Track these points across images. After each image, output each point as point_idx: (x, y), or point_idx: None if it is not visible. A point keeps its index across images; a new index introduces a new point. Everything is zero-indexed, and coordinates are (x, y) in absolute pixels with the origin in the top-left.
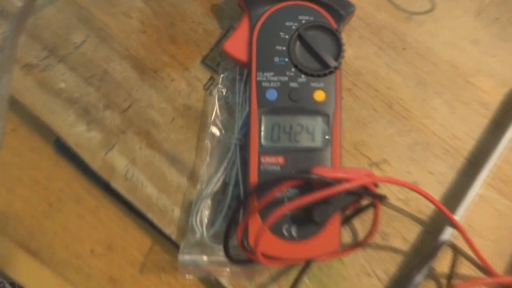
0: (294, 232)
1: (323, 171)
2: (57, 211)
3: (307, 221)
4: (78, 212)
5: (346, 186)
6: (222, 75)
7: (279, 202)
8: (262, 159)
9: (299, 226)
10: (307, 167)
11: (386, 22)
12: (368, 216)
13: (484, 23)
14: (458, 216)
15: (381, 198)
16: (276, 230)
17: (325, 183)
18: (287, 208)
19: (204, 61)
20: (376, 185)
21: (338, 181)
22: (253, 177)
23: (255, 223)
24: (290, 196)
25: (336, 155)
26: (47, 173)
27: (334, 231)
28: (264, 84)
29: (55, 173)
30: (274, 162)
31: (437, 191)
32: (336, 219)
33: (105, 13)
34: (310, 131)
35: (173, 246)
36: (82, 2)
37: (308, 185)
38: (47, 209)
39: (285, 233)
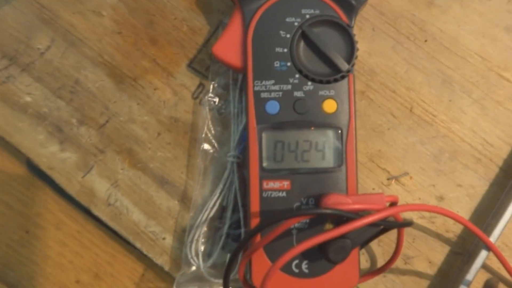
0: (305, 268)
1: (338, 202)
2: (36, 238)
3: (320, 256)
4: (59, 239)
5: (367, 220)
6: (213, 82)
7: (286, 234)
8: (265, 184)
9: (311, 261)
10: (318, 193)
11: (403, 9)
12: (387, 236)
13: None
14: (494, 237)
15: (408, 225)
16: (284, 266)
17: (341, 217)
18: (298, 251)
19: (191, 65)
20: None
21: (357, 214)
22: (255, 206)
23: (259, 257)
24: (299, 227)
25: (352, 177)
26: (21, 197)
27: (352, 266)
28: (263, 94)
29: (30, 196)
30: (278, 187)
31: (467, 206)
32: (354, 252)
33: (71, 11)
34: (320, 149)
35: (168, 272)
36: (43, 0)
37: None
38: (24, 236)
39: (295, 269)
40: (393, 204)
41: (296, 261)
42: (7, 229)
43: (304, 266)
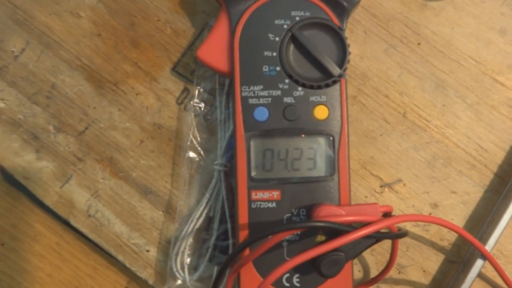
0: (296, 282)
1: (331, 213)
2: (11, 251)
3: (312, 269)
4: (37, 251)
5: (361, 233)
6: (198, 87)
7: (276, 246)
8: (253, 195)
9: (302, 275)
10: (309, 204)
11: (396, 12)
12: (380, 245)
13: None
14: (490, 245)
15: (403, 236)
16: (274, 280)
17: (336, 230)
18: (290, 266)
19: (175, 69)
20: None
21: (352, 227)
22: (243, 218)
23: (248, 272)
24: (290, 239)
25: (344, 186)
26: None
27: (345, 279)
28: (251, 100)
29: (5, 206)
30: (268, 198)
31: (462, 214)
32: (347, 265)
33: (47, 12)
34: (311, 157)
35: (152, 286)
36: (16, 0)
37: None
38: None
39: (286, 283)
40: (387, 214)
41: (287, 275)
42: None
43: (295, 280)
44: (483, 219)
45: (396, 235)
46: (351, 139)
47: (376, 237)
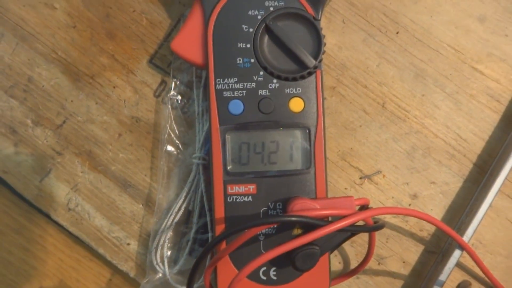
0: (273, 275)
1: (305, 207)
2: None
3: (288, 262)
4: (20, 244)
5: (334, 227)
6: (174, 79)
7: (253, 240)
8: (229, 189)
9: (279, 268)
10: (286, 197)
11: (375, 0)
12: (360, 237)
13: None
14: (468, 235)
15: (378, 229)
16: (251, 274)
17: (310, 224)
18: (264, 260)
19: (152, 61)
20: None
21: (326, 220)
22: (219, 212)
23: (224, 265)
24: (266, 233)
25: (321, 179)
26: None
27: (321, 272)
28: (225, 93)
29: None
30: (244, 191)
31: (441, 204)
32: (324, 257)
33: (21, 4)
34: (287, 150)
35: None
36: None
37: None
38: None
39: (263, 276)
40: (364, 207)
41: (264, 268)
42: None
43: (272, 273)
44: (462, 209)
45: (371, 228)
46: (331, 130)
47: (351, 231)
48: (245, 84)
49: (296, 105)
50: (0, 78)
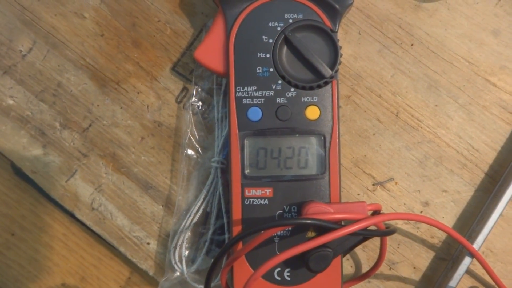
0: (287, 276)
1: (320, 211)
2: (21, 241)
3: (302, 264)
4: (44, 241)
5: (347, 230)
6: (196, 86)
7: (268, 241)
8: (247, 192)
9: (293, 269)
10: (300, 201)
11: (390, 13)
12: (371, 242)
13: (507, 9)
14: (478, 243)
15: (390, 234)
16: (266, 274)
17: (324, 227)
18: (278, 260)
19: (174, 69)
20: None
21: (339, 224)
22: (236, 214)
23: (241, 265)
24: (282, 235)
25: (335, 184)
26: (5, 199)
27: (334, 274)
28: (245, 101)
29: (15, 198)
30: (260, 195)
31: (452, 212)
32: (337, 260)
33: (52, 13)
34: (303, 156)
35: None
36: (24, 1)
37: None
38: (9, 239)
39: (277, 277)
40: (376, 212)
41: (278, 269)
42: None
43: (286, 274)
44: (473, 218)
45: (383, 233)
46: (345, 138)
47: (363, 234)
48: (263, 92)
49: (312, 113)
50: (31, 83)
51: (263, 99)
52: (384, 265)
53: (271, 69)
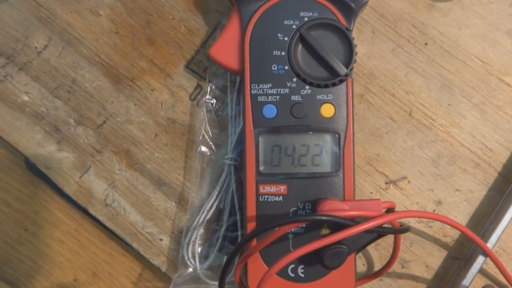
0: (301, 273)
1: (334, 208)
2: (34, 236)
3: (316, 261)
4: (57, 237)
5: (363, 227)
6: (210, 84)
7: (283, 238)
8: (261, 188)
9: (307, 266)
10: (315, 198)
11: (404, 12)
12: (384, 240)
13: None
14: (492, 243)
15: (404, 231)
16: (280, 270)
17: (339, 223)
18: (294, 257)
19: (188, 66)
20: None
21: (353, 220)
22: (251, 211)
23: (255, 261)
24: (296, 231)
25: (349, 182)
26: (18, 194)
27: (348, 271)
28: (260, 98)
29: (28, 194)
30: (275, 191)
31: (465, 211)
32: (350, 257)
33: (68, 10)
34: (317, 153)
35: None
36: None
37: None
38: (22, 234)
39: (291, 274)
40: (390, 210)
41: (292, 266)
42: (5, 226)
43: (300, 270)
44: (486, 217)
45: (397, 230)
46: (358, 136)
47: (378, 232)
48: (278, 89)
49: (327, 110)
50: (46, 79)
51: (278, 97)
52: (397, 263)
53: (286, 67)
